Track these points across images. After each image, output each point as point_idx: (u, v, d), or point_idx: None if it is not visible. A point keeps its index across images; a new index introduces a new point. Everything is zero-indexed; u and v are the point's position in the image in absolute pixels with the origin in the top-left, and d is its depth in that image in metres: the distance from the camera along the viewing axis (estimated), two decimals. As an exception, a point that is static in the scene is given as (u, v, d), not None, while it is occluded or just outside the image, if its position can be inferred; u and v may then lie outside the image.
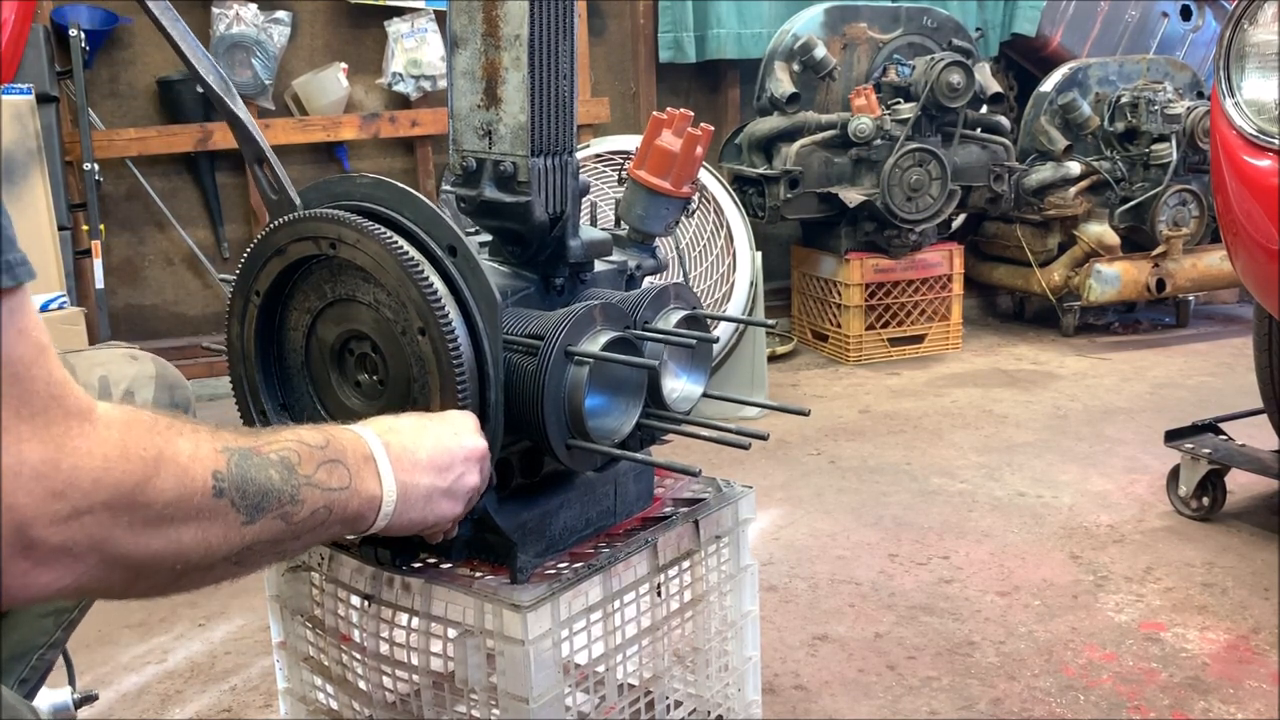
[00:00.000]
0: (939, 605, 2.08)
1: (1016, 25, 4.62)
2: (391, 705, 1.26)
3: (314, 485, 0.85)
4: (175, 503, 0.73)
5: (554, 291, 1.24)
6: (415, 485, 0.95)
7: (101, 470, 0.68)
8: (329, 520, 0.87)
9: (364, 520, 0.92)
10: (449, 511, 0.99)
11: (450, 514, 0.99)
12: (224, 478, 0.77)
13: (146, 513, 0.71)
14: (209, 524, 0.76)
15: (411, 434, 0.97)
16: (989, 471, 2.80)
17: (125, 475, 0.69)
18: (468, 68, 1.15)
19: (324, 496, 0.86)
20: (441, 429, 0.99)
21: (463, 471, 0.99)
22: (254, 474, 0.79)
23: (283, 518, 0.82)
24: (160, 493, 0.72)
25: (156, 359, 1.29)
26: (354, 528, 0.92)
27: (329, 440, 0.89)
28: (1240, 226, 1.98)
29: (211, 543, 0.76)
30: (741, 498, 1.38)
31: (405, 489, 0.94)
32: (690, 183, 1.42)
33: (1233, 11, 2.00)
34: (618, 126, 4.30)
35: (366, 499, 0.91)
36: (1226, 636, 1.93)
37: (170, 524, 0.73)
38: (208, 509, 0.75)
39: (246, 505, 0.78)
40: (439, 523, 0.99)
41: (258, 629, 2.05)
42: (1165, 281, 4.10)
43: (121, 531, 0.70)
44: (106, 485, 0.68)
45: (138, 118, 3.86)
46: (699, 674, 1.37)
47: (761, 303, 3.65)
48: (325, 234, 1.06)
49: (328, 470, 0.87)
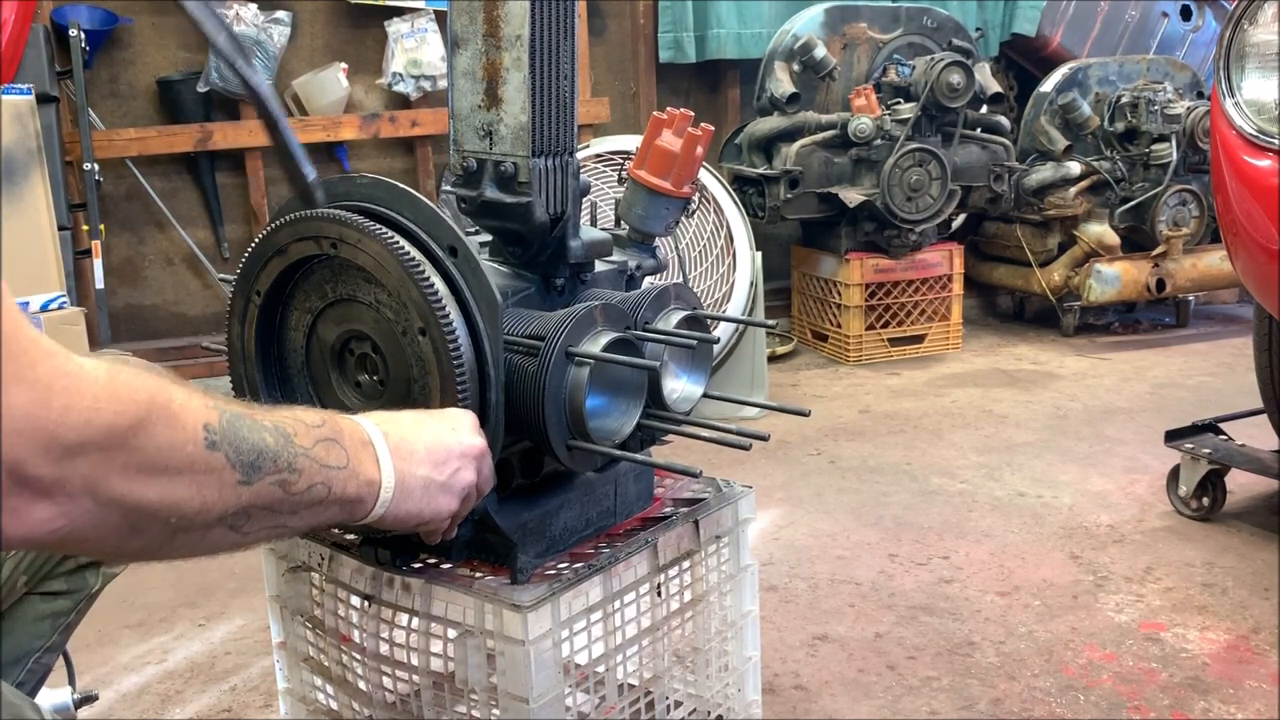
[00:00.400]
0: (939, 605, 2.08)
1: (1016, 25, 4.63)
2: (391, 705, 1.26)
3: (311, 458, 0.84)
4: (168, 449, 0.72)
5: (554, 292, 1.24)
6: (413, 475, 0.95)
7: (92, 410, 0.67)
8: (328, 499, 0.86)
9: (363, 505, 0.91)
10: (446, 506, 0.99)
11: (447, 508, 0.99)
12: (216, 431, 0.76)
13: (140, 456, 0.70)
14: (204, 476, 0.75)
15: (410, 427, 0.97)
16: (989, 471, 2.80)
17: (117, 416, 0.68)
18: (468, 68, 1.15)
19: (322, 472, 0.85)
20: (439, 425, 0.99)
21: (459, 467, 0.99)
22: (246, 434, 0.79)
23: (281, 485, 0.81)
24: (152, 436, 0.71)
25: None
26: (352, 513, 0.91)
27: (325, 420, 0.89)
28: (1240, 226, 1.98)
29: (207, 498, 0.75)
30: (741, 498, 1.38)
31: (403, 477, 0.93)
32: (690, 183, 1.42)
33: (1233, 11, 2.00)
34: (618, 126, 4.30)
35: (365, 482, 0.90)
36: (1226, 636, 1.93)
37: (164, 472, 0.72)
38: (201, 460, 0.75)
39: (242, 463, 0.78)
40: (435, 517, 0.99)
41: (258, 629, 2.05)
42: (1165, 281, 4.10)
43: (115, 474, 0.69)
44: (98, 425, 0.67)
45: (138, 118, 3.86)
46: (699, 674, 1.37)
47: (761, 303, 3.65)
48: (326, 234, 1.06)
49: (325, 448, 0.86)
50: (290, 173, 1.00)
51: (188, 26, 3.85)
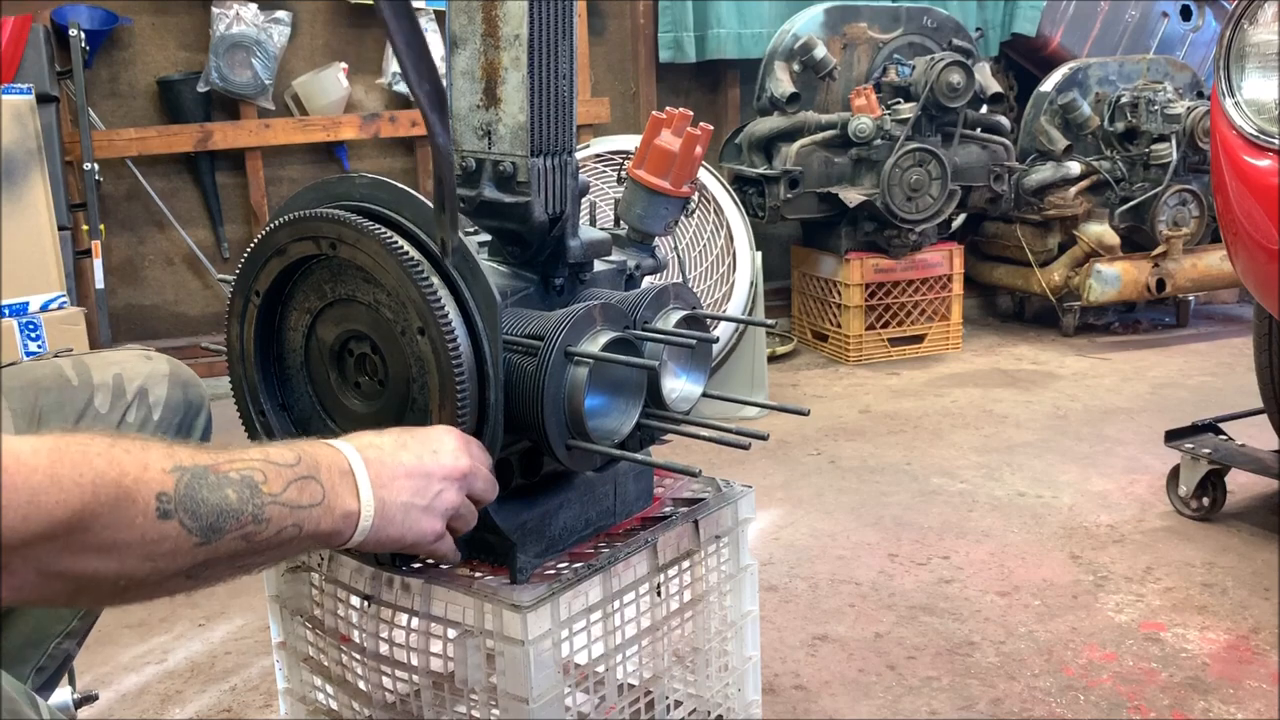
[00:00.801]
0: (939, 605, 2.08)
1: (1016, 25, 4.63)
2: (391, 705, 1.26)
3: (281, 504, 0.84)
4: (115, 528, 0.71)
5: (554, 291, 1.24)
6: (393, 501, 0.94)
7: (29, 506, 0.66)
8: (299, 537, 0.86)
9: (340, 535, 0.91)
10: (428, 528, 0.98)
11: (430, 530, 0.98)
12: (170, 499, 0.75)
13: (85, 538, 0.69)
14: (155, 545, 0.74)
15: (390, 451, 0.96)
16: (989, 471, 2.80)
17: (57, 507, 0.67)
18: (467, 68, 1.15)
19: (293, 514, 0.85)
20: (421, 447, 0.99)
21: (440, 490, 0.98)
22: (206, 494, 0.78)
23: (244, 538, 0.81)
24: (97, 519, 0.70)
25: (171, 359, 1.29)
26: (329, 543, 0.91)
27: (300, 457, 0.88)
28: (1240, 226, 1.98)
29: (159, 564, 0.75)
30: (741, 497, 1.38)
31: (383, 504, 0.93)
32: (690, 182, 1.42)
33: (1233, 11, 2.00)
34: (618, 126, 4.31)
35: (342, 514, 0.90)
36: (1226, 636, 1.93)
37: (112, 549, 0.71)
38: (153, 531, 0.74)
39: (200, 527, 0.77)
40: (420, 540, 0.98)
41: (258, 629, 2.05)
42: (1165, 281, 4.10)
43: (59, 556, 0.68)
44: (37, 520, 0.66)
45: (138, 118, 3.87)
46: (699, 674, 1.37)
47: (761, 303, 3.65)
48: (325, 234, 1.06)
49: (299, 488, 0.86)
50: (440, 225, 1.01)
51: (188, 26, 3.86)
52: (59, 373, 1.17)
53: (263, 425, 1.18)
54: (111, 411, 1.17)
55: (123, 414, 1.18)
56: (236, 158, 3.96)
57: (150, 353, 1.28)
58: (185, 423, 1.24)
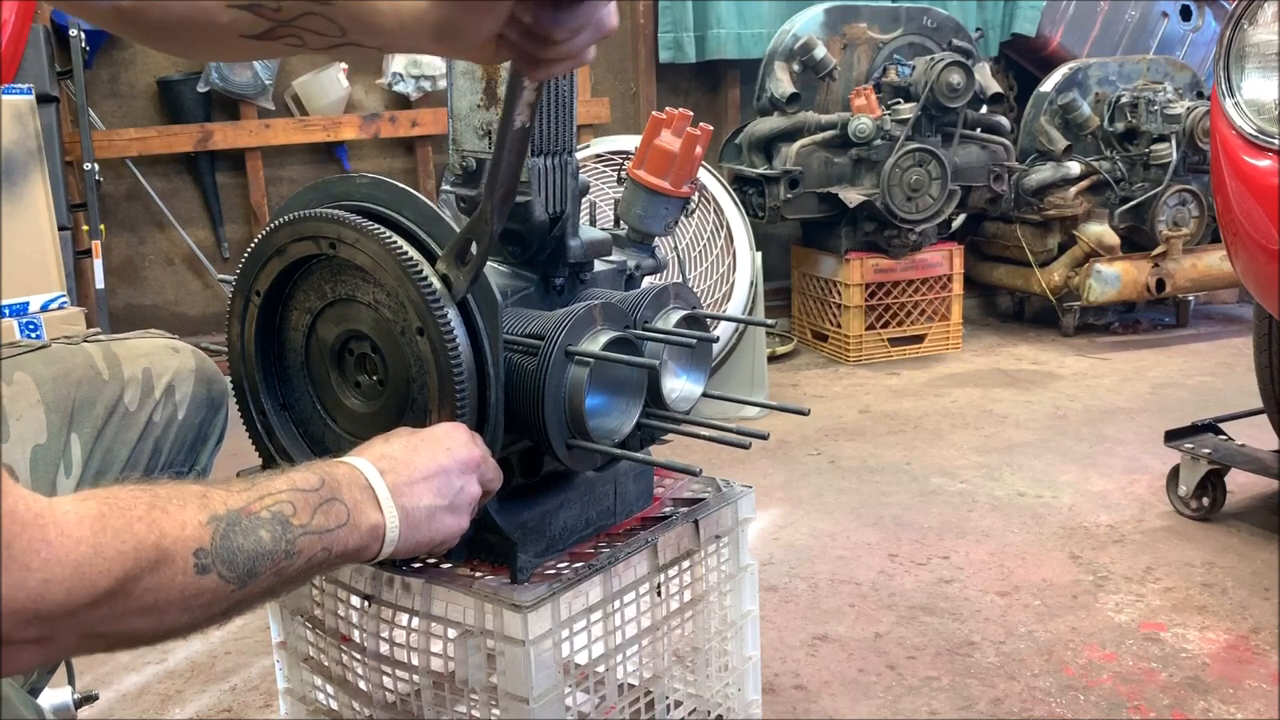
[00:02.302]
0: (939, 605, 2.08)
1: (1016, 25, 4.63)
2: (391, 705, 1.26)
3: (311, 532, 0.85)
4: (156, 590, 0.72)
5: (554, 291, 1.24)
6: (417, 508, 0.95)
7: (74, 579, 0.66)
8: (328, 560, 0.87)
9: (368, 550, 0.92)
10: (454, 527, 0.99)
11: (456, 528, 0.99)
12: (207, 554, 0.76)
13: (127, 604, 0.70)
14: (194, 599, 0.75)
15: (406, 456, 0.97)
16: (989, 471, 2.80)
17: (100, 576, 0.68)
18: (468, 67, 1.15)
19: (322, 540, 0.86)
20: (434, 448, 0.99)
21: (462, 485, 0.99)
22: (241, 541, 0.79)
23: (277, 573, 0.82)
24: (138, 584, 0.71)
25: (196, 351, 1.29)
26: (359, 559, 0.92)
27: (323, 480, 0.89)
28: (1240, 226, 1.98)
29: (196, 614, 0.76)
30: (741, 497, 1.38)
31: (407, 513, 0.94)
32: (689, 182, 1.42)
33: (1233, 11, 2.00)
34: (618, 126, 4.31)
35: (368, 529, 0.91)
36: (1226, 636, 1.93)
37: (153, 609, 0.72)
38: (192, 588, 0.75)
39: (236, 575, 0.78)
40: (447, 539, 0.99)
41: (258, 629, 2.05)
42: (1165, 281, 4.10)
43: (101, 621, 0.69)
44: (81, 593, 0.67)
45: (138, 118, 3.87)
46: (699, 674, 1.37)
47: (761, 303, 3.65)
48: (325, 234, 1.06)
49: (325, 511, 0.86)
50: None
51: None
52: (89, 363, 1.17)
53: (263, 425, 1.18)
54: (139, 410, 1.17)
55: (150, 413, 1.18)
56: (236, 158, 3.96)
57: (176, 343, 1.28)
58: (206, 421, 1.25)
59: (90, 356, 1.18)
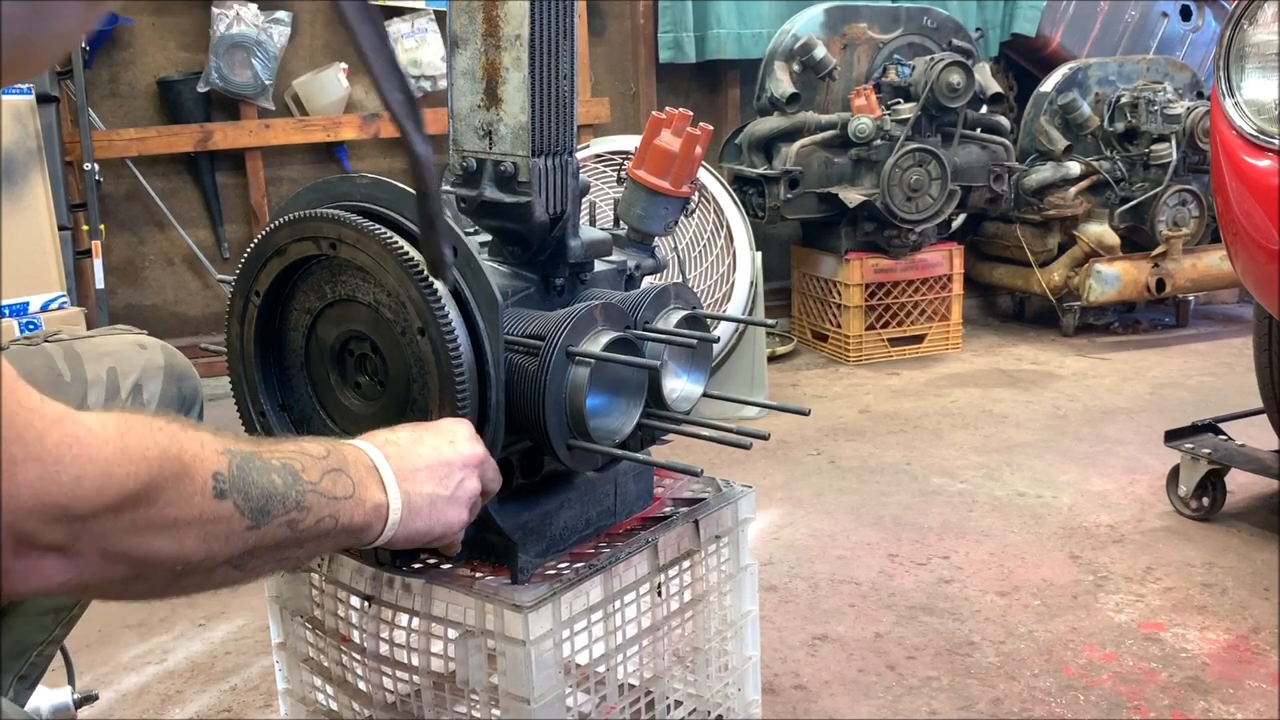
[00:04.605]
0: (939, 605, 2.08)
1: (1016, 25, 4.63)
2: (391, 706, 1.26)
3: (319, 493, 0.85)
4: (177, 504, 0.72)
5: (554, 291, 1.24)
6: (418, 494, 0.95)
7: (104, 477, 0.66)
8: (335, 530, 0.87)
9: (370, 530, 0.91)
10: (455, 518, 0.99)
11: (457, 520, 0.99)
12: (225, 480, 0.76)
13: (150, 515, 0.70)
14: (212, 526, 0.75)
15: (409, 445, 0.97)
16: (989, 471, 2.80)
17: (128, 479, 0.68)
18: (468, 68, 1.15)
19: (330, 505, 0.86)
20: (437, 439, 0.99)
21: (463, 478, 0.99)
22: (256, 477, 0.79)
23: (289, 525, 0.81)
24: (162, 494, 0.71)
25: (165, 346, 1.29)
26: (361, 538, 0.91)
27: (330, 450, 0.89)
28: (1240, 226, 1.98)
29: (214, 546, 0.76)
30: (741, 497, 1.38)
31: (409, 498, 0.94)
32: (689, 182, 1.42)
33: (1233, 11, 2.00)
34: (618, 126, 4.30)
35: (372, 508, 0.90)
36: (1226, 636, 1.93)
37: (174, 526, 0.72)
38: (210, 511, 0.75)
39: (251, 509, 0.78)
40: (447, 531, 0.99)
41: (258, 629, 2.05)
42: (1165, 281, 4.10)
43: (125, 533, 0.69)
44: (110, 493, 0.67)
45: (138, 118, 3.86)
46: (699, 674, 1.37)
47: (761, 303, 3.64)
48: (325, 234, 1.06)
49: (332, 479, 0.87)
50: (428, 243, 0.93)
51: (188, 26, 3.85)
52: (50, 364, 1.15)
53: (263, 425, 1.18)
54: None
55: None
56: (236, 158, 3.96)
57: (144, 339, 1.27)
58: None
59: (51, 358, 1.16)
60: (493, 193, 1.17)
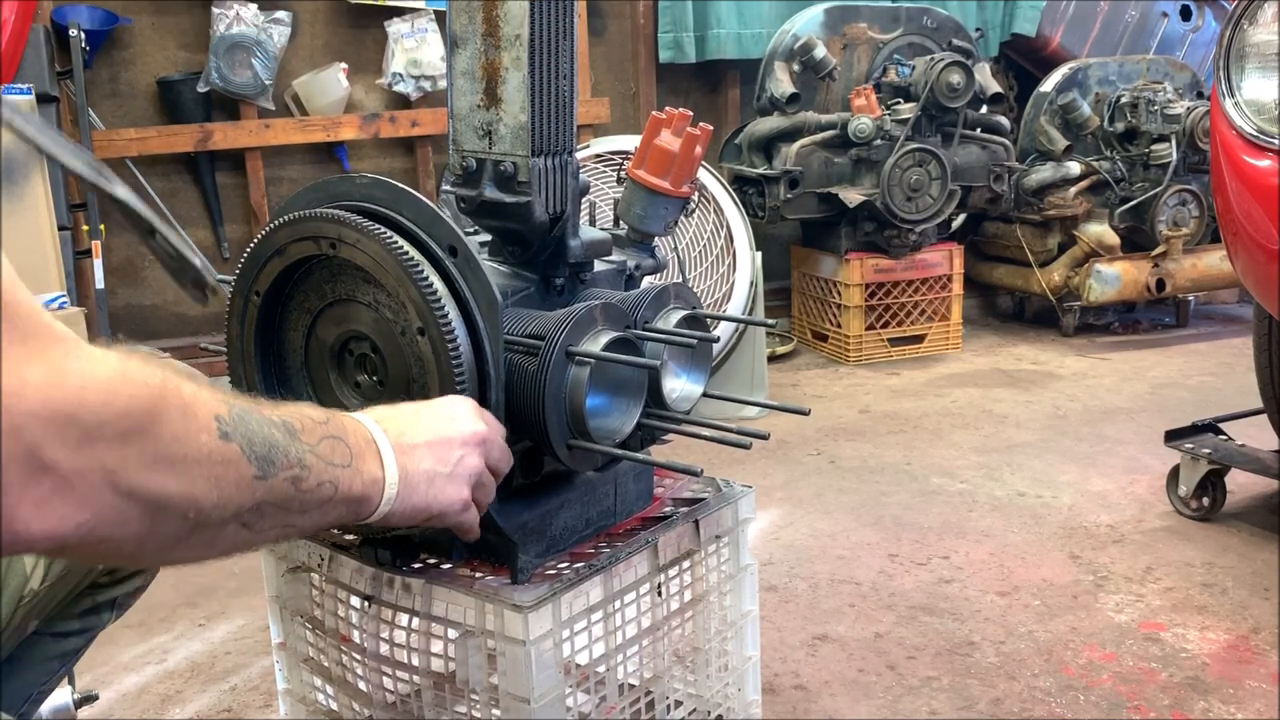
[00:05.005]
0: (939, 605, 2.08)
1: (1016, 25, 4.63)
2: (391, 706, 1.26)
3: (318, 455, 0.83)
4: (183, 438, 0.70)
5: (554, 291, 1.24)
6: (416, 469, 0.94)
7: (108, 392, 0.65)
8: (334, 497, 0.85)
9: (368, 503, 0.90)
10: (454, 495, 0.97)
11: (456, 498, 0.98)
12: (227, 422, 0.74)
13: (157, 445, 0.68)
14: (220, 468, 0.73)
15: (409, 420, 0.96)
16: (989, 471, 2.80)
17: (132, 400, 0.66)
18: (468, 68, 1.15)
19: (329, 470, 0.84)
20: (438, 415, 0.99)
21: (462, 454, 0.98)
22: (256, 427, 0.78)
23: (293, 481, 0.80)
24: (167, 424, 0.69)
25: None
26: (358, 511, 0.90)
27: (329, 418, 0.88)
28: (1240, 226, 1.98)
29: (224, 491, 0.74)
30: (741, 497, 1.38)
31: (406, 472, 0.93)
32: (689, 182, 1.42)
33: (1233, 11, 2.00)
34: (618, 126, 4.30)
35: (369, 480, 0.89)
36: (1226, 636, 1.93)
37: (182, 462, 0.70)
38: (217, 451, 0.73)
39: (256, 456, 0.76)
40: (447, 508, 0.97)
41: (258, 629, 2.05)
42: (1165, 281, 4.10)
43: (134, 464, 0.67)
44: (115, 408, 0.65)
45: (138, 118, 3.86)
46: (699, 674, 1.37)
47: (761, 303, 3.65)
48: (325, 234, 1.06)
49: (330, 445, 0.85)
50: (184, 272, 0.93)
51: (188, 26, 3.85)
52: None
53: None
54: None
55: None
56: (236, 158, 3.96)
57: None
58: None
59: None
60: (493, 193, 1.17)
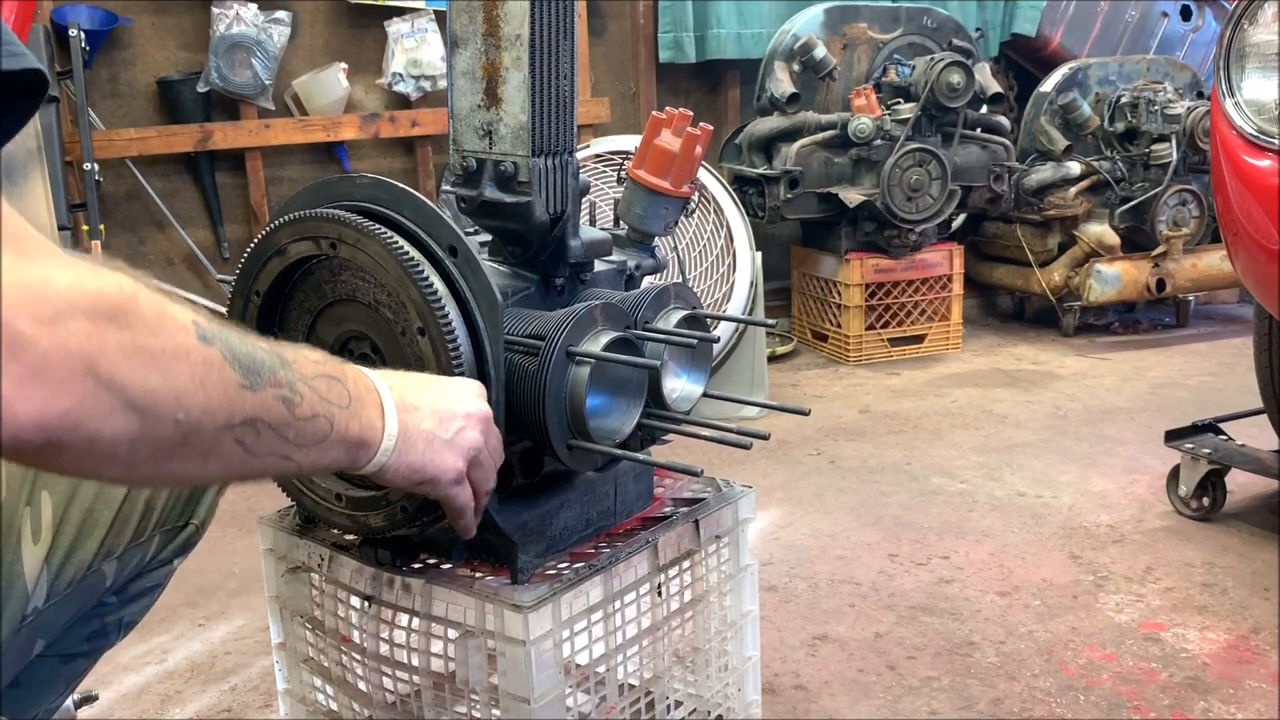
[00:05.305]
0: (939, 605, 2.08)
1: (1016, 25, 4.63)
2: (391, 706, 1.26)
3: (312, 388, 0.82)
4: (159, 331, 0.69)
5: (554, 291, 1.24)
6: (416, 428, 0.93)
7: (74, 281, 0.64)
8: (331, 435, 0.84)
9: (366, 449, 0.89)
10: (450, 463, 0.96)
11: (451, 466, 0.96)
12: (206, 330, 0.73)
13: (132, 336, 0.67)
14: (203, 369, 0.71)
15: (415, 385, 0.96)
16: (989, 471, 2.80)
17: (100, 292, 0.65)
18: (468, 68, 1.15)
19: (324, 405, 0.83)
20: (445, 387, 0.99)
21: (463, 426, 0.97)
22: (237, 341, 0.75)
23: (284, 402, 0.78)
24: (141, 317, 0.67)
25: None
26: (356, 457, 0.88)
27: (328, 359, 0.87)
28: (1240, 226, 1.98)
29: (211, 394, 0.72)
30: (741, 497, 1.38)
31: (406, 428, 0.92)
32: (689, 182, 1.42)
33: (1233, 11, 2.00)
34: (618, 126, 4.30)
35: (368, 425, 0.88)
36: (1226, 636, 1.93)
37: (161, 356, 0.68)
38: (197, 351, 0.71)
39: (240, 364, 0.74)
40: (440, 474, 0.96)
41: (258, 629, 2.05)
42: (1165, 281, 4.10)
43: (111, 351, 0.65)
44: (86, 290, 0.64)
45: (138, 118, 3.86)
46: (699, 674, 1.37)
47: (761, 303, 3.65)
48: (325, 234, 1.06)
49: (326, 383, 0.84)
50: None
51: (188, 26, 3.85)
52: None
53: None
54: None
55: None
56: (236, 158, 3.96)
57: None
58: None
59: None
60: (493, 193, 1.17)
